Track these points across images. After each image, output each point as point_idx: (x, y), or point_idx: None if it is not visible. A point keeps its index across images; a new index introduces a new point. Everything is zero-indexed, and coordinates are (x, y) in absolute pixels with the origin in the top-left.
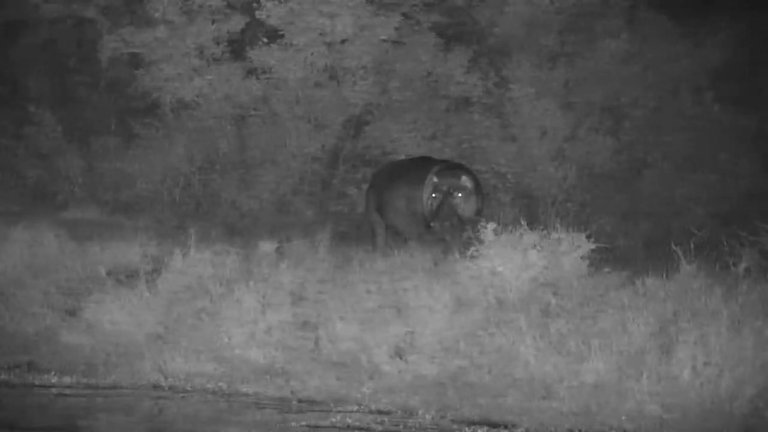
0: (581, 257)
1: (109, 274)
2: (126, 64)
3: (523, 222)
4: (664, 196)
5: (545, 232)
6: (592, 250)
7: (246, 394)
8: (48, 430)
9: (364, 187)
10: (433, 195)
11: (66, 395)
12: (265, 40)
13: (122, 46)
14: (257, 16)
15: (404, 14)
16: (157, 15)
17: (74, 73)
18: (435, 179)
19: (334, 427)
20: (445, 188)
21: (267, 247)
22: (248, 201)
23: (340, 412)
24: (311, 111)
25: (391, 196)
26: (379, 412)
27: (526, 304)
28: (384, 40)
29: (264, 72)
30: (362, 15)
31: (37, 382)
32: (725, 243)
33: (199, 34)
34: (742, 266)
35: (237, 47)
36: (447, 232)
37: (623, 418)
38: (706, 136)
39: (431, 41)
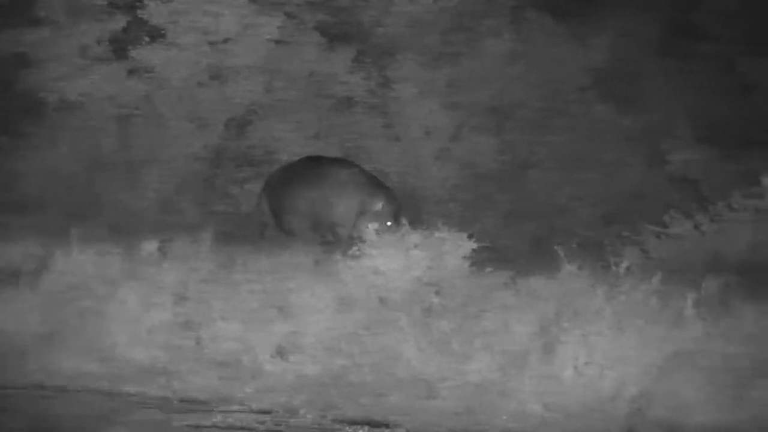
0: (463, 257)
1: None
2: (12, 64)
3: (405, 222)
4: (547, 195)
5: (428, 231)
6: (474, 250)
7: (129, 394)
8: None
9: (247, 186)
10: (370, 224)
11: None
12: (147, 39)
13: (9, 46)
14: (139, 15)
15: (288, 13)
16: (43, 14)
17: None
18: (380, 207)
19: (216, 426)
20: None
21: (150, 246)
22: (132, 200)
23: (222, 411)
24: (194, 110)
25: (287, 197)
26: (261, 412)
27: (409, 304)
28: (268, 40)
29: (147, 71)
30: (246, 14)
31: None
32: (608, 242)
33: (83, 34)
34: (624, 265)
35: (119, 47)
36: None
37: (505, 417)
38: (590, 136)
39: (315, 40)
